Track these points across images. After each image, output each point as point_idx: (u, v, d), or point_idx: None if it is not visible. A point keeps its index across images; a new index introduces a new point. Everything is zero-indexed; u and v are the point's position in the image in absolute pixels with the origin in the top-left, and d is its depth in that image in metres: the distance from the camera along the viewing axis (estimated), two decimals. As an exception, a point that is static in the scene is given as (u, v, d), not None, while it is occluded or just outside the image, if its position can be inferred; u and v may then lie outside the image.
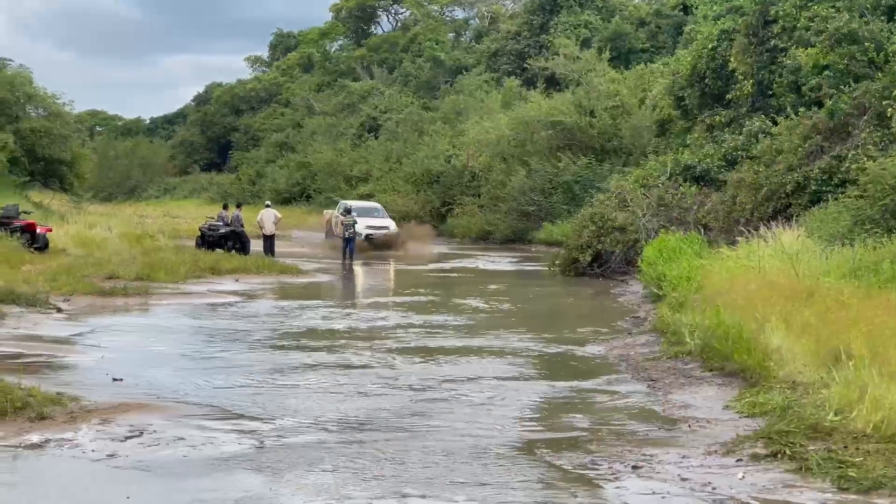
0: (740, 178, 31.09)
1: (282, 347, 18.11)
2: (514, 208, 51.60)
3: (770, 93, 38.08)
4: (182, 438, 11.13)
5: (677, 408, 13.08)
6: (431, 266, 38.61)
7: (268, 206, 42.40)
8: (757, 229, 23.77)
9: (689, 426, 12.02)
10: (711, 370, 14.95)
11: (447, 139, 64.82)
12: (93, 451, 10.64)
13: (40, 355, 16.44)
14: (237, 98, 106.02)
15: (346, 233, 39.56)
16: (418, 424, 12.17)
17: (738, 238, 24.23)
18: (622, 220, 32.75)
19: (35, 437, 11.00)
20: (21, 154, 54.47)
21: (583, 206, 37.62)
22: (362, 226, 43.00)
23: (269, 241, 39.05)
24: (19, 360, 15.63)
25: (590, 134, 51.82)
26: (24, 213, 34.40)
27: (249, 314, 22.73)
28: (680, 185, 35.02)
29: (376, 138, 76.50)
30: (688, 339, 16.34)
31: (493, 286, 30.41)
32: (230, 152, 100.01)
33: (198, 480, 9.79)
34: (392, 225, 47.31)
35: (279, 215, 41.14)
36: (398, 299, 26.53)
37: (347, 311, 23.82)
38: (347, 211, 42.14)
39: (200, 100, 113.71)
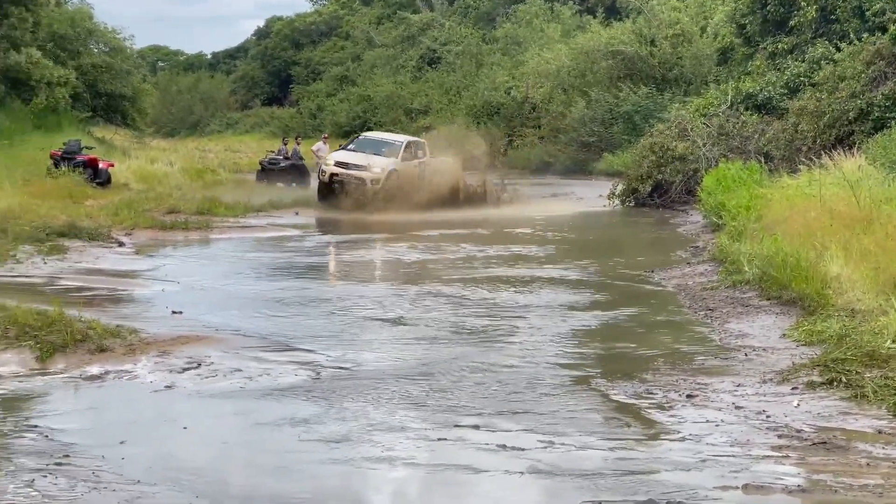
0: (802, 106, 30.69)
1: (343, 279, 18.19)
2: (574, 139, 51.32)
3: (833, 18, 37.47)
4: (239, 370, 11.23)
5: (734, 336, 13.01)
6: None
7: (325, 138, 42.23)
8: (818, 157, 23.46)
9: (745, 355, 11.96)
10: (769, 299, 14.85)
11: (506, 71, 64.44)
12: (151, 382, 10.77)
13: (101, 289, 16.61)
14: (297, 32, 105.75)
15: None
16: (474, 355, 12.19)
17: (800, 167, 23.96)
18: (682, 150, 32.49)
19: (95, 369, 11.14)
20: (83, 90, 54.74)
21: (643, 136, 37.30)
22: (331, 160, 31.37)
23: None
24: (81, 294, 15.80)
25: (650, 63, 51.35)
26: (87, 148, 34.61)
27: (309, 247, 22.84)
28: (741, 113, 34.62)
29: (436, 70, 76.17)
30: (746, 268, 16.22)
31: (550, 216, 30.31)
32: (291, 86, 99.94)
33: (254, 408, 9.89)
34: (388, 165, 30.95)
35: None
36: (459, 231, 26.50)
37: (410, 242, 23.83)
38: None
39: (261, 34, 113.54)
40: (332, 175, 30.54)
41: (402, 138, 34.16)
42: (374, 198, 30.06)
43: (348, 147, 32.59)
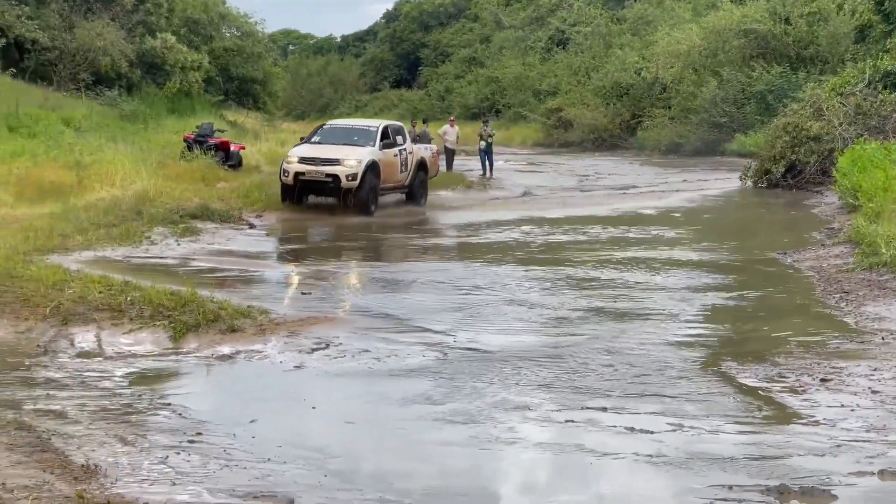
0: (942, 84, 29.91)
1: (470, 259, 18.18)
2: (705, 120, 50.60)
3: (976, -8, 36.43)
4: (367, 351, 11.29)
5: (870, 320, 12.70)
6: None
7: (452, 121, 42.12)
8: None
9: (882, 338, 11.68)
10: (908, 282, 14.50)
11: (636, 51, 63.84)
12: (281, 362, 10.88)
13: (232, 270, 16.85)
14: (426, 14, 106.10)
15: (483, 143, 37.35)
16: (603, 336, 12.10)
17: (939, 146, 23.34)
18: (817, 130, 31.82)
19: (226, 349, 11.29)
20: (215, 73, 55.62)
21: (776, 116, 36.65)
22: (295, 156, 24.98)
23: (450, 155, 38.94)
24: (213, 275, 16.04)
25: (784, 42, 50.37)
26: (219, 131, 35.06)
27: (436, 228, 22.88)
28: (879, 92, 33.78)
29: (565, 52, 75.77)
30: (884, 250, 15.83)
31: (681, 197, 30.02)
32: (419, 69, 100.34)
33: (382, 389, 9.94)
34: (365, 157, 24.70)
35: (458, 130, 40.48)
36: (582, 212, 26.35)
37: (536, 223, 23.76)
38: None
39: (390, 17, 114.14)
40: (297, 175, 24.34)
41: (377, 122, 27.61)
42: (352, 197, 24.41)
43: (312, 139, 26.18)
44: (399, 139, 26.69)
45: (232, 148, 32.86)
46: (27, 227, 17.86)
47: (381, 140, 25.60)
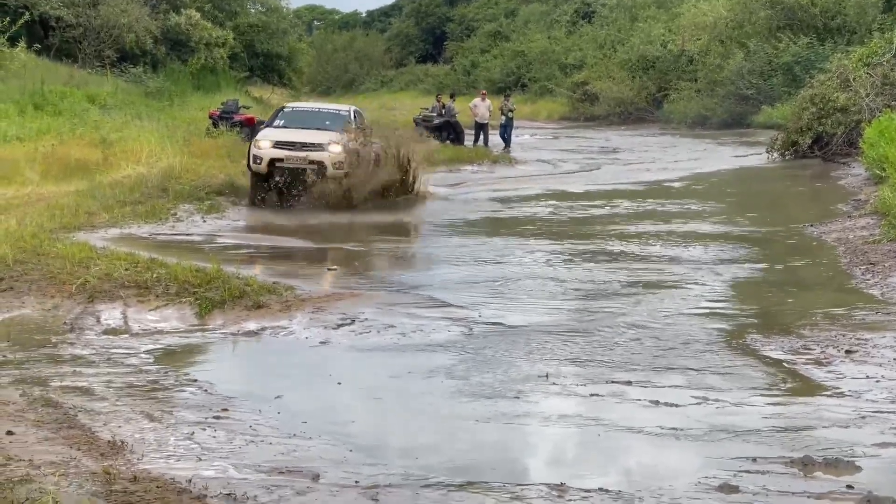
0: (971, 54, 29.68)
1: (494, 234, 18.18)
2: (731, 92, 50.33)
3: None
4: (392, 326, 11.30)
5: (896, 291, 12.69)
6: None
7: (483, 94, 42.00)
8: None
9: (908, 310, 11.65)
10: (934, 253, 14.44)
11: (662, 24, 63.52)
12: (306, 338, 10.91)
13: (259, 246, 16.91)
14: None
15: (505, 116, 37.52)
16: (628, 310, 12.09)
17: (967, 116, 23.18)
18: (844, 101, 31.62)
19: (252, 325, 11.33)
20: (240, 50, 55.61)
21: (803, 87, 36.44)
22: (266, 140, 21.13)
23: (481, 129, 38.86)
24: (238, 251, 16.10)
25: (811, 12, 50.02)
26: (244, 107, 35.16)
27: (463, 204, 22.85)
28: (906, 62, 33.59)
29: (590, 25, 75.45)
30: (910, 221, 15.78)
31: (706, 170, 29.92)
32: (444, 43, 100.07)
33: (407, 364, 9.97)
34: (347, 142, 21.16)
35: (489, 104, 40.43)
36: (607, 185, 26.30)
37: (561, 197, 23.72)
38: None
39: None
40: (274, 161, 20.65)
41: (346, 107, 24.54)
42: (342, 189, 20.70)
43: (274, 124, 22.48)
44: (366, 127, 22.64)
45: (258, 124, 32.89)
46: (53, 204, 17.96)
47: (356, 125, 22.18)
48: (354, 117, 22.74)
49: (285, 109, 23.80)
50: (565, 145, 42.23)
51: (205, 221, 18.68)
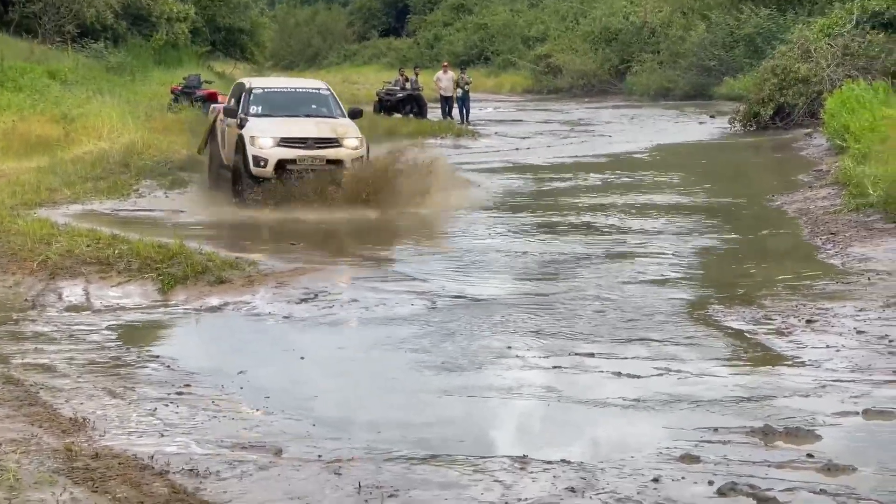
0: (931, 24, 29.82)
1: (459, 207, 18.15)
2: (693, 64, 50.45)
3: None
4: (356, 300, 11.29)
5: (856, 260, 12.74)
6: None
7: (445, 66, 41.89)
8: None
9: (869, 279, 11.71)
10: (894, 222, 14.50)
11: (625, -5, 63.58)
12: (269, 313, 10.90)
13: (221, 221, 16.84)
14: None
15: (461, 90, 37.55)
16: (591, 282, 12.13)
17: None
18: (805, 72, 31.77)
19: (214, 301, 11.30)
20: (202, 24, 55.18)
21: (765, 59, 36.57)
22: (268, 137, 17.38)
23: (444, 101, 38.77)
24: (201, 227, 16.05)
25: (772, -17, 50.21)
26: (206, 82, 34.92)
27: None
28: (867, 32, 33.67)
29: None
30: (871, 191, 15.84)
31: (669, 141, 30.00)
32: (407, 17, 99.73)
33: (371, 338, 9.97)
34: (357, 135, 17.83)
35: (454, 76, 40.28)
36: (570, 158, 26.32)
37: (523, 169, 23.74)
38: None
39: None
40: (283, 163, 17.27)
41: (319, 83, 20.89)
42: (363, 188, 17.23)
43: (252, 111, 18.21)
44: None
45: (220, 99, 32.70)
46: (14, 181, 17.86)
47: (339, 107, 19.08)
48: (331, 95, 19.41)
49: (255, 91, 18.84)
50: (529, 117, 42.20)
51: (167, 197, 18.59)
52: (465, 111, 38.06)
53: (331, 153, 17.40)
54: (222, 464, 6.69)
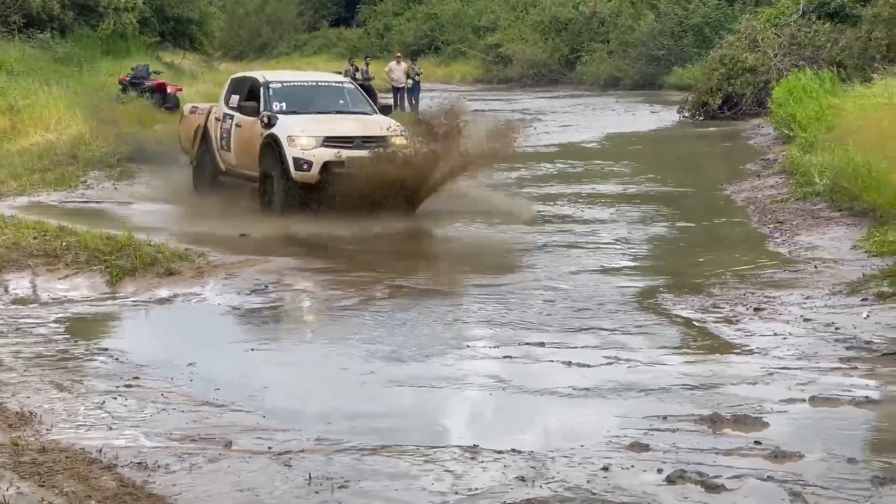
0: (876, 13, 29.95)
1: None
2: (643, 53, 50.71)
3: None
4: (306, 291, 11.28)
5: (803, 249, 12.86)
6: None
7: (398, 57, 41.81)
8: (893, 66, 23.01)
9: (815, 267, 11.81)
10: (840, 210, 14.64)
11: (575, -15, 63.70)
12: (219, 304, 10.87)
13: (170, 211, 16.73)
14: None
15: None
16: (541, 271, 12.18)
17: (873, 76, 23.50)
18: (753, 61, 32.00)
19: (164, 292, 11.24)
20: (150, 14, 54.76)
21: (713, 48, 36.79)
22: (310, 136, 15.36)
23: (396, 92, 38.74)
24: (150, 218, 15.92)
25: (720, -27, 50.48)
26: (155, 73, 34.69)
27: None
28: (813, 22, 33.92)
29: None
30: (817, 180, 16.00)
31: (618, 131, 30.09)
32: (357, 6, 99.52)
33: (322, 329, 9.96)
34: (403, 132, 15.79)
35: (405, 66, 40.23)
36: (521, 148, 26.30)
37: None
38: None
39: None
40: (328, 166, 15.23)
41: (337, 78, 19.62)
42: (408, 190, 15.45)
43: (275, 108, 16.21)
44: None
45: (169, 90, 32.52)
46: (-41, 173, 17.67)
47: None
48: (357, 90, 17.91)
49: (273, 86, 16.76)
50: (478, 108, 42.15)
51: (116, 188, 18.46)
52: (415, 101, 38.00)
53: (384, 153, 15.23)
54: (171, 457, 6.65)
